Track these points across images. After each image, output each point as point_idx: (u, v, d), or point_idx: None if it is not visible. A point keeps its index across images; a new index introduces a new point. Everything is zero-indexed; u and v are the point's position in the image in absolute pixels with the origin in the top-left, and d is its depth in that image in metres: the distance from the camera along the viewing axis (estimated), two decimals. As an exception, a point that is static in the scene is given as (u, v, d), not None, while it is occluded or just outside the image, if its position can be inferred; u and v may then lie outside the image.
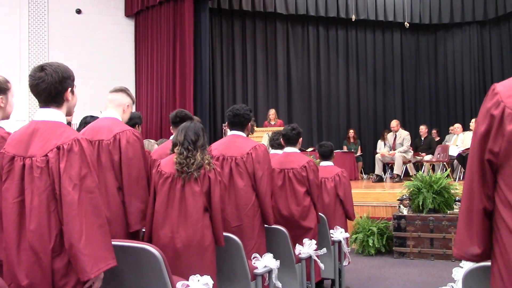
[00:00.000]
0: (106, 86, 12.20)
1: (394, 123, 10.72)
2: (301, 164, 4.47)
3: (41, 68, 2.34)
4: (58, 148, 2.21)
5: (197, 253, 3.04)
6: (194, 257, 3.03)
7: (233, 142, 3.89)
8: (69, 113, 2.47)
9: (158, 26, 11.56)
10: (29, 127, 2.35)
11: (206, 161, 3.14)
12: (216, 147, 3.93)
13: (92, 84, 11.64)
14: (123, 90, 3.69)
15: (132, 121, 4.15)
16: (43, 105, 2.37)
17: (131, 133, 3.36)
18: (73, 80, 2.47)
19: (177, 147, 3.22)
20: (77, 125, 5.01)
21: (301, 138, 4.79)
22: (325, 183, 5.21)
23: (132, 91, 11.91)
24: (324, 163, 5.47)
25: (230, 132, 4.05)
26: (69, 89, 2.42)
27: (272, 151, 5.07)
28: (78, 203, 2.18)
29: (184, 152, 3.15)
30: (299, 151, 4.77)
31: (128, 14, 12.07)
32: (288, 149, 4.68)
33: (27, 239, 2.21)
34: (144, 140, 3.61)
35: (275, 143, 5.15)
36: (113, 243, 2.69)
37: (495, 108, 1.54)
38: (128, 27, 12.12)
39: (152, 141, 5.18)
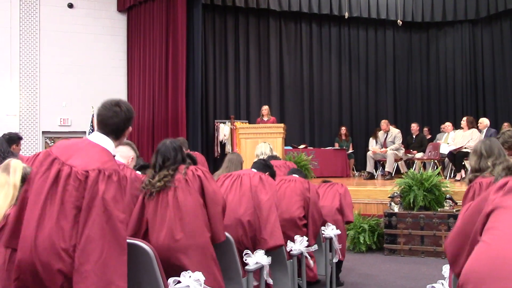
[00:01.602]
0: (98, 81, 12.27)
1: (383, 124, 10.77)
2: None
3: (117, 103, 2.53)
4: (99, 171, 2.27)
5: (198, 252, 3.01)
6: (196, 256, 3.01)
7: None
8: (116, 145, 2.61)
9: (150, 22, 11.51)
10: (81, 142, 2.48)
11: (183, 171, 3.13)
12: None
13: (84, 79, 11.60)
14: (129, 144, 3.91)
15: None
16: (102, 132, 2.50)
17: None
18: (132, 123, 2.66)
19: (150, 170, 3.27)
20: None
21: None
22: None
23: (124, 87, 11.95)
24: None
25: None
26: (130, 128, 2.61)
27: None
28: (106, 227, 2.21)
29: (154, 172, 3.18)
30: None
31: (120, 9, 12.01)
32: None
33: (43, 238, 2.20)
34: (124, 144, 3.72)
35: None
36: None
37: None
38: (120, 22, 12.06)
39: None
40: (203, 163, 5.68)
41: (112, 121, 2.49)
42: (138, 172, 3.74)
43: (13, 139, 5.93)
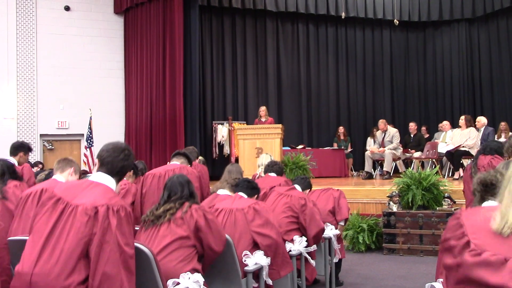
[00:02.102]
0: (96, 83, 12.27)
1: (381, 124, 10.77)
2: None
3: (126, 147, 2.66)
4: (108, 207, 2.31)
5: None
6: None
7: (237, 198, 3.94)
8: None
9: (147, 23, 11.51)
10: (84, 183, 2.52)
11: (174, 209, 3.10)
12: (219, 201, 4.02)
13: (81, 82, 11.60)
14: (65, 160, 3.97)
15: None
16: (108, 172, 2.56)
17: None
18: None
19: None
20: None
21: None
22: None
23: (122, 89, 11.94)
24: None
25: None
26: (130, 172, 2.87)
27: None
28: (121, 263, 2.26)
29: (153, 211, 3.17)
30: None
31: (117, 11, 12.01)
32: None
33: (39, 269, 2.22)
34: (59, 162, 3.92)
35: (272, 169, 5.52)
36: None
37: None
38: (117, 24, 12.06)
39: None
40: (205, 176, 5.57)
41: (122, 163, 2.58)
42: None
43: (24, 147, 5.91)
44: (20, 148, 5.85)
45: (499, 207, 1.51)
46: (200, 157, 6.88)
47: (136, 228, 3.09)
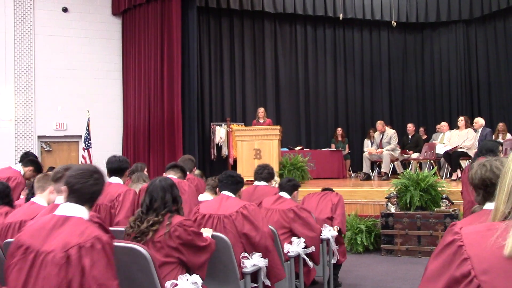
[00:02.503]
0: (93, 85, 12.24)
1: (379, 125, 10.77)
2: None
3: (95, 170, 2.44)
4: (80, 246, 2.13)
5: None
6: None
7: (223, 200, 3.78)
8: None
9: (145, 25, 11.50)
10: (50, 220, 2.29)
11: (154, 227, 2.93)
12: (203, 205, 3.86)
13: (79, 83, 11.58)
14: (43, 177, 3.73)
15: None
16: (77, 201, 2.36)
17: None
18: None
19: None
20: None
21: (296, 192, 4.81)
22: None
23: (120, 90, 11.94)
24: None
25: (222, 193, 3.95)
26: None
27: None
28: None
29: (136, 221, 3.02)
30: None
31: (115, 12, 12.00)
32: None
33: None
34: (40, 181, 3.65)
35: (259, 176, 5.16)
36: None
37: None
38: (115, 25, 12.05)
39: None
40: (200, 188, 5.40)
41: (93, 189, 2.39)
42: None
43: (37, 164, 5.88)
44: (34, 164, 5.79)
45: (510, 225, 1.21)
46: (197, 171, 6.55)
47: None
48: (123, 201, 3.88)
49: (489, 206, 1.90)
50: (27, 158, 5.96)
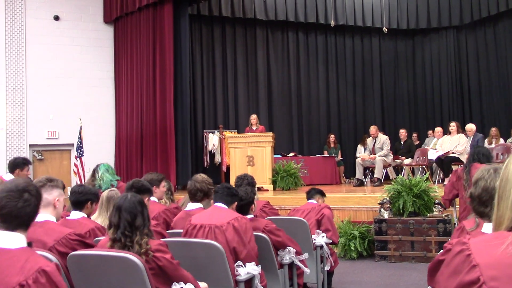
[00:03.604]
0: (86, 93, 12.18)
1: (372, 129, 10.81)
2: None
3: (24, 189, 2.07)
4: (22, 285, 1.87)
5: None
6: None
7: (216, 212, 3.71)
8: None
9: (137, 33, 11.50)
10: None
11: (143, 249, 2.71)
12: (195, 216, 3.78)
13: (71, 91, 11.55)
14: (49, 181, 3.29)
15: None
16: (8, 227, 2.01)
17: None
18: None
19: (111, 230, 2.81)
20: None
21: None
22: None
23: (112, 98, 11.90)
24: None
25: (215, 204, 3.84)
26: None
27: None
28: None
29: (122, 238, 2.75)
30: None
31: (107, 20, 11.99)
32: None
33: None
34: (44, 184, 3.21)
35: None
36: (94, 252, 2.68)
37: None
38: (107, 33, 12.04)
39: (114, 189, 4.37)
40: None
41: (23, 212, 2.03)
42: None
43: (17, 164, 5.87)
44: (15, 166, 5.81)
45: None
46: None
47: None
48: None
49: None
50: (9, 165, 5.94)
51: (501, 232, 1.27)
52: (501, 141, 10.46)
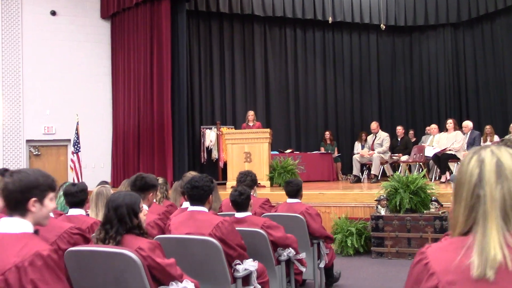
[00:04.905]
0: (82, 88, 12.14)
1: (374, 125, 10.82)
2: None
3: (11, 173, 2.15)
4: (18, 267, 1.92)
5: None
6: None
7: (192, 219, 3.48)
8: (38, 224, 2.18)
9: (134, 28, 11.46)
10: None
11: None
12: (174, 224, 3.59)
13: (68, 87, 11.51)
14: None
15: None
16: (7, 213, 2.12)
17: None
18: (43, 190, 2.18)
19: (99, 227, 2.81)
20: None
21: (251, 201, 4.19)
22: None
23: (109, 94, 11.87)
24: (290, 201, 5.11)
25: (189, 208, 3.58)
26: (33, 199, 2.13)
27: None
28: None
29: (101, 233, 2.73)
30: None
31: (104, 16, 11.95)
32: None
33: None
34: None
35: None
36: (92, 248, 2.68)
37: None
38: (104, 29, 12.00)
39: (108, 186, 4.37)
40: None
41: (3, 194, 2.12)
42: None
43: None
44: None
45: (475, 241, 1.26)
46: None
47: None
48: None
49: None
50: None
51: (456, 238, 1.33)
52: (496, 138, 10.46)
